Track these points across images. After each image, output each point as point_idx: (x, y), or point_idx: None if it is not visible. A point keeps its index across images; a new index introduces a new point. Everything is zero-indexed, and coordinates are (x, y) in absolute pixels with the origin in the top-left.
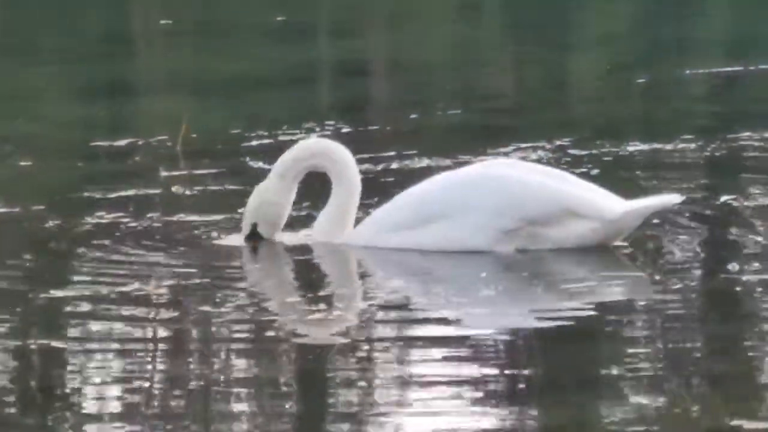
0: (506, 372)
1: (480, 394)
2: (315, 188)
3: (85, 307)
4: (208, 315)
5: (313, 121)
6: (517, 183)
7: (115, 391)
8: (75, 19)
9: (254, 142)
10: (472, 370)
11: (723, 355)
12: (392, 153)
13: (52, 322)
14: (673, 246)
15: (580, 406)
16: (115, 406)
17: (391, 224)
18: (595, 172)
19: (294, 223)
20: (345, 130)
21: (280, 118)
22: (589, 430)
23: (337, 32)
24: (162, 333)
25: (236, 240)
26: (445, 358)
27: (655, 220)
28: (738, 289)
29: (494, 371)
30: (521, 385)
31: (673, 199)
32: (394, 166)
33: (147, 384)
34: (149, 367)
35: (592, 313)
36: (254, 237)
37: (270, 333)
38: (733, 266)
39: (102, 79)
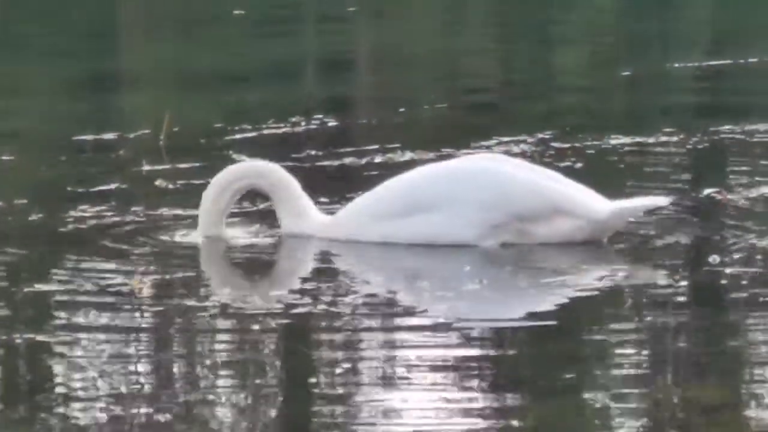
0: (490, 366)
1: (463, 388)
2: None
3: (69, 300)
4: (191, 309)
5: (298, 115)
6: (507, 178)
7: (99, 384)
8: (61, 13)
9: (238, 136)
10: (456, 364)
11: (707, 346)
12: (376, 146)
13: (36, 316)
14: (657, 239)
15: (565, 400)
16: (99, 399)
17: (374, 214)
18: (578, 165)
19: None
20: (330, 123)
21: (265, 112)
22: (574, 423)
23: (323, 26)
24: (145, 327)
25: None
26: (429, 352)
27: (639, 213)
28: (721, 281)
29: (478, 365)
30: (505, 379)
31: (660, 200)
32: (378, 159)
33: (131, 376)
34: (133, 360)
35: (576, 306)
36: None
37: (254, 326)
38: (715, 259)
39: (86, 73)
